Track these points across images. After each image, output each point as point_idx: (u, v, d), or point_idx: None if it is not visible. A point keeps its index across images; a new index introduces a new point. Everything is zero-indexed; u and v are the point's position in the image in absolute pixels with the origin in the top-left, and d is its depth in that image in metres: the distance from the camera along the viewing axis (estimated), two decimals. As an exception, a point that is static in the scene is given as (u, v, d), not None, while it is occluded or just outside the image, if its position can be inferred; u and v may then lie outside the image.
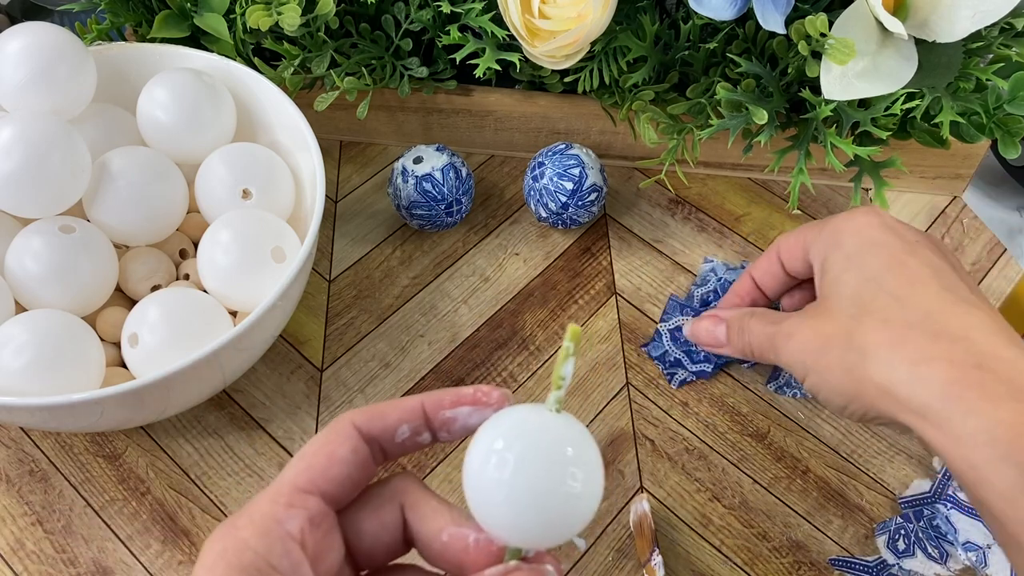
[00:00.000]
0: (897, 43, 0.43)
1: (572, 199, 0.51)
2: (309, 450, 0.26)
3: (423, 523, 0.27)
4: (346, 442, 0.26)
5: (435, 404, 0.27)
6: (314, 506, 0.25)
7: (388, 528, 0.27)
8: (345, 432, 0.26)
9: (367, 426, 0.26)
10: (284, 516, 0.24)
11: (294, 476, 0.25)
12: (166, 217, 0.47)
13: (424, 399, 0.27)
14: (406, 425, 0.27)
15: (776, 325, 0.38)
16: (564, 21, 0.47)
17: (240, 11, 0.51)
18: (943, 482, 0.45)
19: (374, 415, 0.27)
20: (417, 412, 0.27)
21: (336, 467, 0.25)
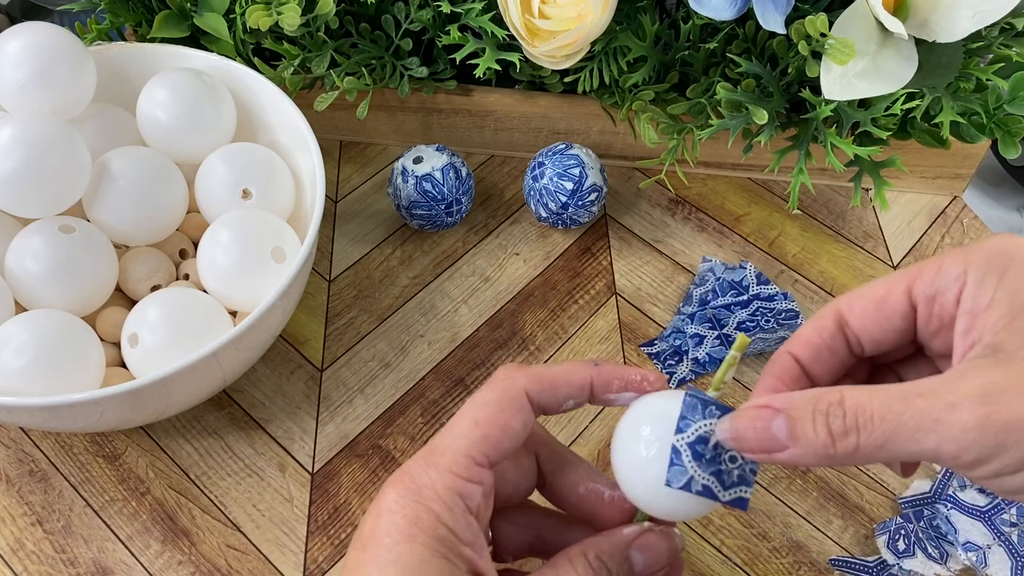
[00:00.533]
0: (897, 43, 0.43)
1: (572, 199, 0.51)
2: (482, 415, 0.26)
3: (561, 475, 0.28)
4: (519, 414, 0.27)
5: (604, 386, 0.28)
6: (488, 479, 0.26)
7: (527, 476, 0.29)
8: (519, 403, 0.27)
9: (538, 396, 0.27)
10: (467, 492, 0.25)
11: (470, 446, 0.26)
12: (166, 217, 0.47)
13: (594, 377, 0.28)
14: (572, 400, 0.28)
15: (913, 396, 0.24)
16: (564, 21, 0.47)
17: (240, 11, 0.51)
18: (943, 482, 0.45)
19: (546, 387, 0.27)
20: (585, 391, 0.28)
21: (509, 440, 0.26)
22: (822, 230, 0.56)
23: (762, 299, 0.51)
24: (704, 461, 0.26)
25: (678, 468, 0.26)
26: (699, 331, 0.50)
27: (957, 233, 0.56)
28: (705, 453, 0.26)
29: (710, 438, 0.26)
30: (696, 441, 0.26)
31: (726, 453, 0.26)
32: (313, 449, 0.47)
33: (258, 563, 0.43)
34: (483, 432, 0.26)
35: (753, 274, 0.52)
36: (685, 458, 0.26)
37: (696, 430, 0.26)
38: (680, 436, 0.26)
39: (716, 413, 0.26)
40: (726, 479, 0.26)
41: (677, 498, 0.26)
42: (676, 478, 0.26)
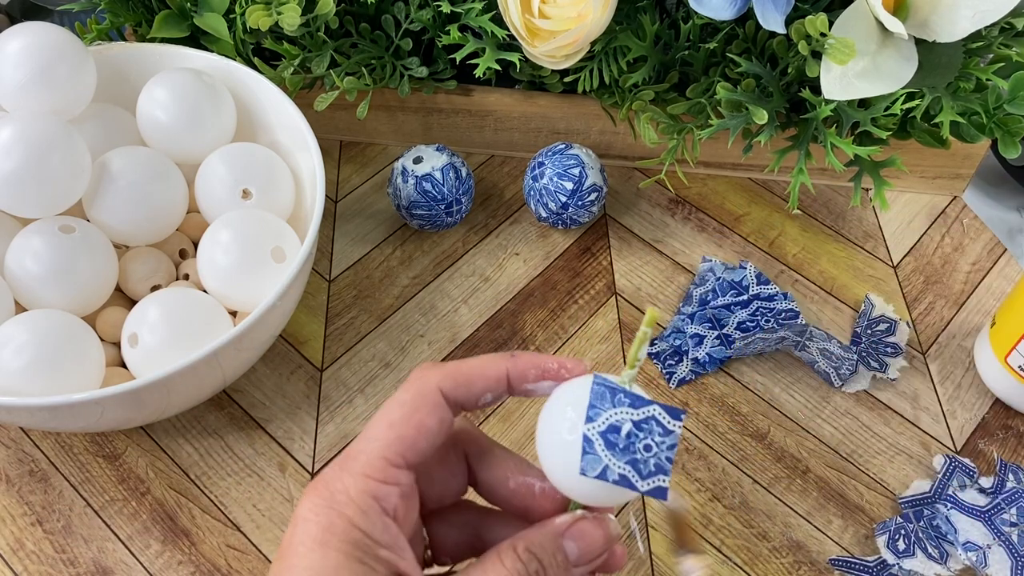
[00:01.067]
0: (897, 43, 0.43)
1: (572, 199, 0.51)
2: (396, 416, 0.26)
3: (489, 471, 0.28)
4: (434, 412, 0.26)
5: (520, 377, 0.27)
6: (405, 480, 0.26)
7: (455, 475, 0.28)
8: (432, 401, 0.26)
9: (453, 393, 0.27)
10: (381, 494, 0.25)
11: (384, 447, 0.26)
12: (166, 217, 0.47)
13: (509, 368, 0.27)
14: (489, 393, 0.27)
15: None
16: (564, 21, 0.47)
17: (240, 11, 0.51)
18: (943, 482, 0.45)
19: (460, 382, 0.27)
20: (501, 383, 0.27)
21: (425, 439, 0.26)
22: (822, 230, 0.56)
23: (762, 299, 0.51)
24: (618, 450, 0.25)
25: (592, 457, 0.25)
26: (699, 331, 0.50)
27: (957, 233, 0.56)
28: (618, 442, 0.26)
29: (622, 427, 0.26)
30: (608, 430, 0.26)
31: (640, 441, 0.26)
32: (313, 449, 0.47)
33: (258, 563, 0.43)
34: (397, 433, 0.26)
35: (753, 274, 0.52)
36: (598, 447, 0.25)
37: (607, 419, 0.26)
38: (591, 425, 0.26)
39: (625, 401, 0.26)
40: (643, 468, 0.26)
41: (598, 487, 0.25)
42: (591, 467, 0.25)
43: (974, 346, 0.51)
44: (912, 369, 0.50)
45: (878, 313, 0.52)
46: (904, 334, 0.51)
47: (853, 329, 0.51)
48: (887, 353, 0.50)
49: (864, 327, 0.51)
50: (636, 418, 0.26)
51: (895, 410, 0.48)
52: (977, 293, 0.53)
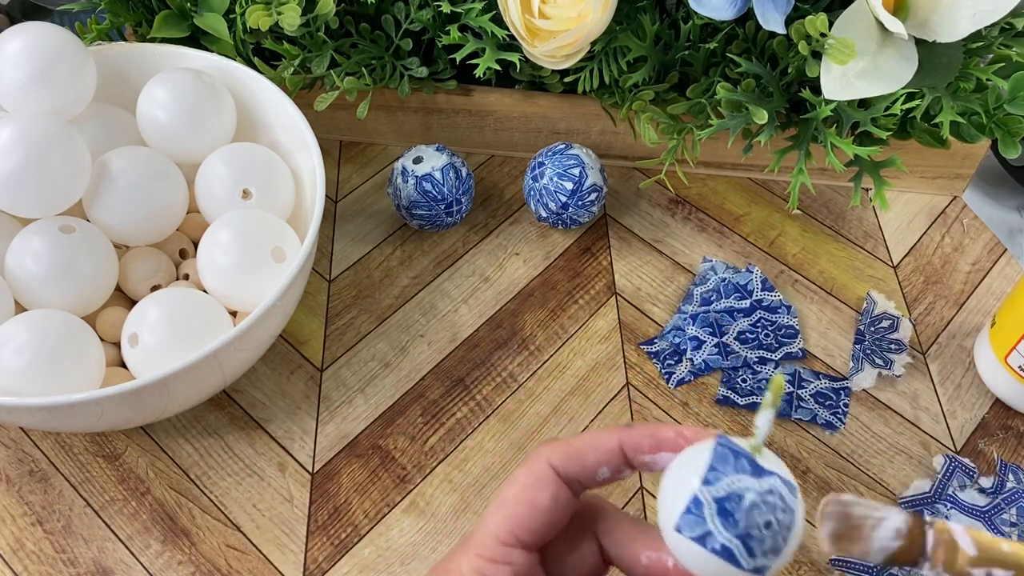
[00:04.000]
0: (897, 43, 0.43)
1: (572, 199, 0.51)
2: (509, 495, 0.26)
3: (620, 548, 0.27)
4: (547, 488, 0.26)
5: (635, 448, 0.26)
6: (518, 559, 0.25)
7: (586, 558, 0.27)
8: (545, 477, 0.26)
9: (565, 468, 0.26)
10: (490, 572, 0.25)
11: (496, 527, 0.25)
12: (166, 217, 0.47)
13: (623, 439, 0.26)
14: (606, 467, 0.26)
15: None
16: (564, 21, 0.47)
17: (240, 11, 0.51)
18: (943, 482, 0.45)
19: (571, 456, 0.26)
20: (616, 455, 0.26)
21: (537, 516, 0.25)
22: (822, 230, 0.56)
23: (764, 307, 0.51)
24: (732, 520, 0.23)
25: (694, 518, 0.23)
26: (698, 335, 0.50)
27: (957, 233, 0.56)
28: (735, 512, 0.23)
29: (745, 496, 0.24)
30: (726, 498, 0.24)
31: (761, 516, 0.24)
32: (313, 449, 0.47)
33: (258, 563, 0.43)
34: (508, 511, 0.25)
35: (759, 279, 0.52)
36: (707, 511, 0.23)
37: (728, 485, 0.24)
38: (708, 488, 0.24)
39: (747, 468, 0.24)
40: (756, 547, 0.23)
41: (695, 554, 0.24)
42: (689, 527, 0.23)
43: (974, 346, 0.51)
44: (912, 369, 0.50)
45: (880, 310, 0.52)
46: (907, 330, 0.51)
47: (856, 327, 0.51)
48: (891, 350, 0.50)
49: (867, 324, 0.51)
50: (760, 489, 0.24)
51: (895, 410, 0.48)
52: (977, 293, 0.53)
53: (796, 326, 0.51)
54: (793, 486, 0.25)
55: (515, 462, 0.46)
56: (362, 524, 0.44)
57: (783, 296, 0.52)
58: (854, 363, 0.49)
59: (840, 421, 0.47)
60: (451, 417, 0.48)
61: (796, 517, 0.24)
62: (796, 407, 0.48)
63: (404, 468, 0.46)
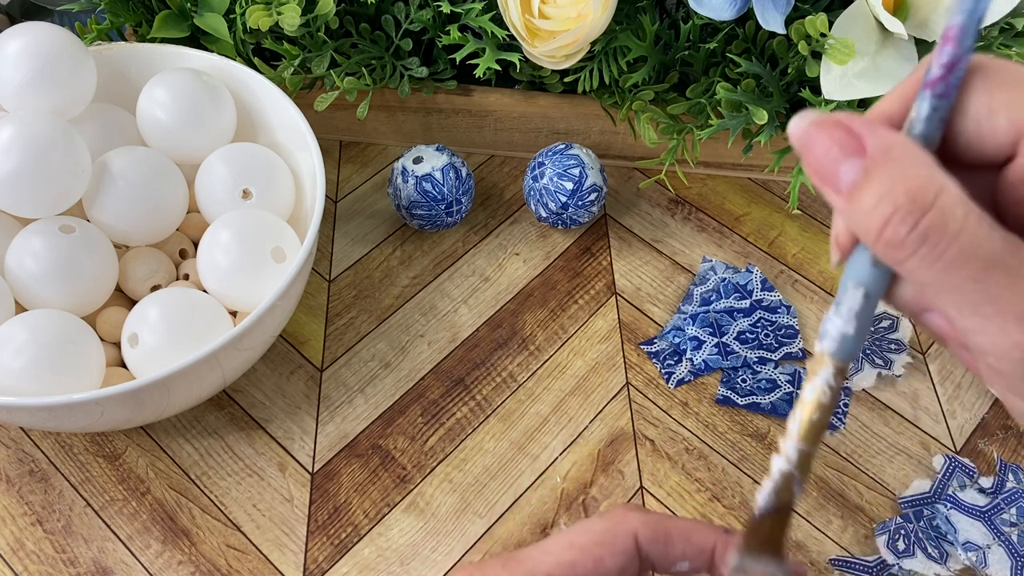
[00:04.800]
0: (897, 43, 0.43)
1: (572, 199, 0.51)
2: (581, 540, 0.24)
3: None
4: (619, 555, 0.24)
5: (726, 554, 0.24)
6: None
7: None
8: (622, 544, 0.24)
9: (647, 545, 0.25)
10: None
11: (554, 565, 0.24)
12: (166, 217, 0.47)
13: (719, 543, 0.25)
14: (688, 562, 0.25)
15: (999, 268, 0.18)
16: (564, 21, 0.47)
17: (240, 11, 0.51)
18: (943, 482, 0.45)
19: (660, 536, 0.25)
20: (706, 555, 0.25)
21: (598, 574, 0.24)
22: (822, 230, 0.56)
23: (764, 307, 0.51)
24: None
25: None
26: (698, 335, 0.50)
27: (957, 233, 0.56)
28: None
29: None
30: None
31: None
32: (313, 449, 0.47)
33: (258, 563, 0.43)
34: (572, 557, 0.24)
35: (759, 279, 0.52)
36: None
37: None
38: None
39: None
40: None
41: None
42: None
43: (974, 346, 0.51)
44: (912, 369, 0.50)
45: (880, 310, 0.52)
46: (907, 330, 0.51)
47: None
48: (891, 350, 0.50)
49: None
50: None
51: (895, 410, 0.48)
52: (977, 293, 0.53)
53: (796, 326, 0.51)
54: None
55: (515, 462, 0.46)
56: (362, 524, 0.44)
57: (783, 296, 0.52)
58: (854, 363, 0.49)
59: (840, 421, 0.47)
60: (451, 417, 0.48)
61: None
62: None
63: (404, 468, 0.46)
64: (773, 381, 0.48)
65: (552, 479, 0.46)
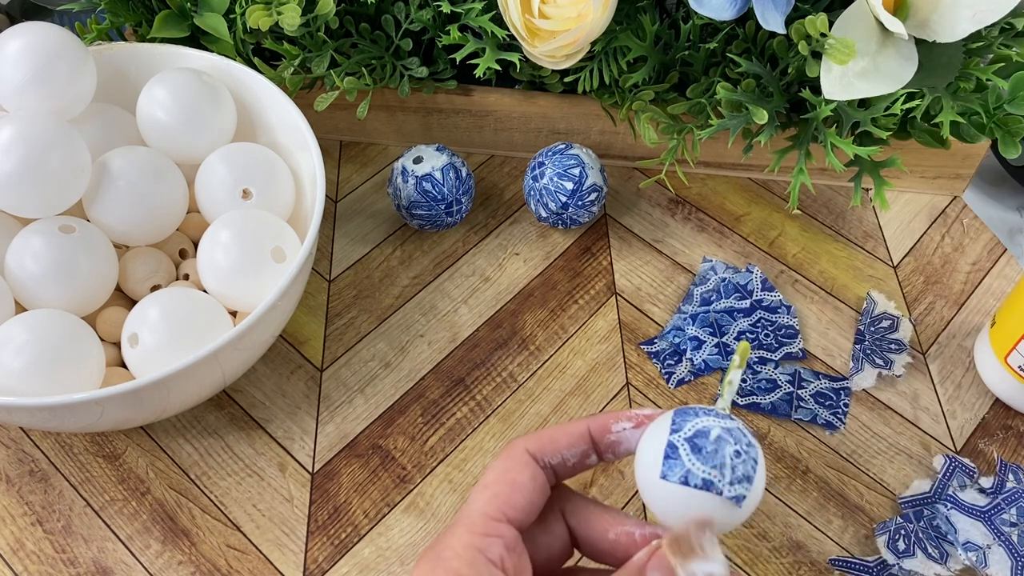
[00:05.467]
0: (897, 43, 0.43)
1: (572, 199, 0.51)
2: (490, 478, 0.28)
3: (588, 526, 0.29)
4: (524, 469, 0.28)
5: (602, 428, 0.29)
6: (507, 532, 0.27)
7: (557, 537, 0.29)
8: (521, 459, 0.28)
9: (539, 451, 0.28)
10: (484, 545, 0.26)
11: (484, 506, 0.27)
12: (166, 217, 0.47)
13: (590, 423, 0.29)
14: (575, 449, 0.28)
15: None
16: (564, 21, 0.47)
17: (240, 11, 0.51)
18: (943, 482, 0.45)
19: (544, 441, 0.28)
20: (584, 436, 0.29)
21: (519, 494, 0.27)
22: (822, 230, 0.56)
23: (764, 307, 0.51)
24: (704, 454, 0.26)
25: (675, 462, 0.26)
26: (698, 335, 0.50)
27: (957, 233, 0.56)
28: (705, 446, 0.26)
29: (711, 431, 0.26)
30: (695, 435, 0.26)
31: (730, 447, 0.26)
32: (313, 449, 0.47)
33: (258, 563, 0.43)
34: (492, 491, 0.27)
35: (759, 279, 0.52)
36: (683, 452, 0.26)
37: (694, 426, 0.26)
38: (677, 434, 0.26)
39: (712, 412, 0.27)
40: (729, 473, 0.26)
41: (682, 497, 0.26)
42: (673, 471, 0.26)
43: (974, 346, 0.51)
44: (912, 369, 0.50)
45: (880, 310, 0.52)
46: (907, 330, 0.51)
47: (856, 327, 0.51)
48: (891, 350, 0.50)
49: (867, 324, 0.51)
50: (724, 426, 0.26)
51: (895, 410, 0.48)
52: (977, 293, 0.53)
53: (796, 326, 0.51)
54: (754, 435, 0.27)
55: (515, 462, 0.46)
56: (362, 524, 0.44)
57: (783, 296, 0.52)
58: (854, 363, 0.49)
59: (840, 421, 0.47)
60: (451, 417, 0.48)
61: (759, 454, 0.27)
62: (796, 407, 0.48)
63: (404, 468, 0.46)
64: (773, 381, 0.48)
65: (552, 479, 0.46)
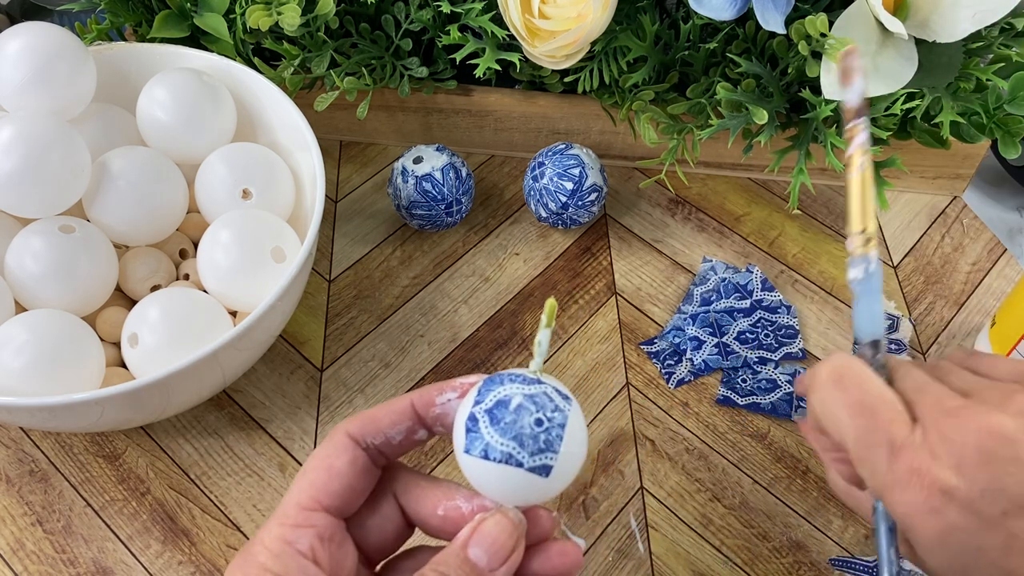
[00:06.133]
0: (897, 43, 0.43)
1: (572, 199, 0.51)
2: (310, 466, 0.27)
3: (418, 504, 0.28)
4: (343, 454, 0.26)
5: (426, 401, 0.27)
6: (320, 521, 0.26)
7: (389, 519, 0.28)
8: (341, 443, 0.27)
9: (360, 433, 0.27)
10: (293, 536, 0.25)
11: (297, 495, 0.26)
12: (166, 217, 0.47)
13: (412, 397, 0.27)
14: (399, 426, 0.27)
15: None
16: (564, 21, 0.47)
17: (240, 11, 0.51)
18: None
19: (365, 421, 0.27)
20: (407, 412, 0.27)
21: (336, 480, 0.26)
22: (822, 230, 0.56)
23: (764, 307, 0.51)
24: (503, 425, 0.24)
25: (474, 435, 0.24)
26: (698, 335, 0.50)
27: (957, 233, 0.56)
28: (504, 416, 0.24)
29: (511, 400, 0.25)
30: (495, 406, 0.25)
31: (530, 415, 0.25)
32: (313, 449, 0.47)
33: (258, 563, 0.43)
34: (308, 479, 0.26)
35: (759, 279, 0.52)
36: (482, 425, 0.24)
37: (495, 396, 0.25)
38: (479, 406, 0.25)
39: (517, 379, 0.25)
40: (530, 444, 0.24)
41: (486, 471, 0.25)
42: (473, 446, 0.24)
43: (974, 346, 0.51)
44: (912, 369, 0.50)
45: None
46: (907, 330, 0.51)
47: (853, 329, 0.51)
48: (890, 350, 0.50)
49: None
50: (528, 392, 0.25)
51: (895, 410, 0.48)
52: (977, 293, 0.53)
53: (796, 326, 0.51)
54: (567, 395, 0.25)
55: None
56: (362, 524, 0.44)
57: (783, 296, 0.52)
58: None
59: None
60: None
61: (571, 417, 0.25)
62: (796, 407, 0.48)
63: (404, 468, 0.46)
64: (773, 381, 0.48)
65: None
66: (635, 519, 0.44)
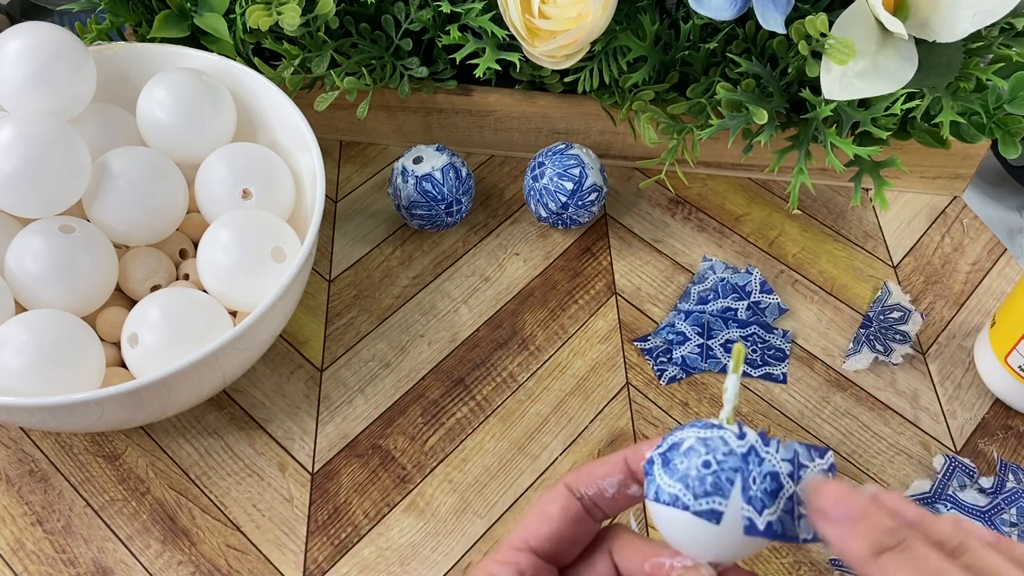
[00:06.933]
0: (897, 43, 0.43)
1: (572, 199, 0.51)
2: (528, 510, 0.29)
3: (629, 560, 0.29)
4: (557, 500, 0.28)
5: (636, 455, 0.28)
6: (525, 561, 0.27)
7: (601, 574, 0.29)
8: (557, 492, 0.28)
9: (576, 483, 0.28)
10: (497, 571, 0.27)
11: (512, 536, 0.28)
12: (166, 217, 0.47)
13: (626, 453, 0.29)
14: (611, 479, 0.28)
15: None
16: (564, 21, 0.47)
17: (240, 11, 0.51)
18: (943, 482, 0.45)
19: (582, 473, 0.29)
20: (620, 465, 0.28)
21: (546, 524, 0.28)
22: (822, 230, 0.56)
23: (760, 323, 0.51)
24: (670, 467, 0.24)
25: (650, 479, 0.25)
26: (686, 331, 0.50)
27: (957, 233, 0.56)
28: (673, 459, 0.24)
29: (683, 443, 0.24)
30: (668, 449, 0.25)
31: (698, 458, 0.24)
32: (313, 449, 0.47)
33: (258, 563, 0.43)
34: (523, 522, 0.28)
35: (757, 281, 0.52)
36: (656, 468, 0.25)
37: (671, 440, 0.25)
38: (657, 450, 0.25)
39: (705, 423, 0.25)
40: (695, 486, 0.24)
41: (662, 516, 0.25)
42: (649, 488, 0.25)
43: (974, 346, 0.51)
44: (912, 369, 0.50)
45: (894, 301, 0.52)
46: (916, 325, 0.51)
47: (865, 313, 0.51)
48: (895, 339, 0.50)
49: (877, 312, 0.51)
50: (701, 436, 0.24)
51: (895, 410, 0.48)
52: (977, 293, 0.53)
53: (787, 351, 0.50)
54: (744, 432, 0.24)
55: (515, 462, 0.46)
56: (362, 524, 0.44)
57: (782, 297, 0.52)
58: (854, 344, 0.50)
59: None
60: (451, 417, 0.48)
61: (740, 461, 0.24)
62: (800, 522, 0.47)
63: (404, 468, 0.46)
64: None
65: (552, 479, 0.46)
66: (635, 519, 0.44)
